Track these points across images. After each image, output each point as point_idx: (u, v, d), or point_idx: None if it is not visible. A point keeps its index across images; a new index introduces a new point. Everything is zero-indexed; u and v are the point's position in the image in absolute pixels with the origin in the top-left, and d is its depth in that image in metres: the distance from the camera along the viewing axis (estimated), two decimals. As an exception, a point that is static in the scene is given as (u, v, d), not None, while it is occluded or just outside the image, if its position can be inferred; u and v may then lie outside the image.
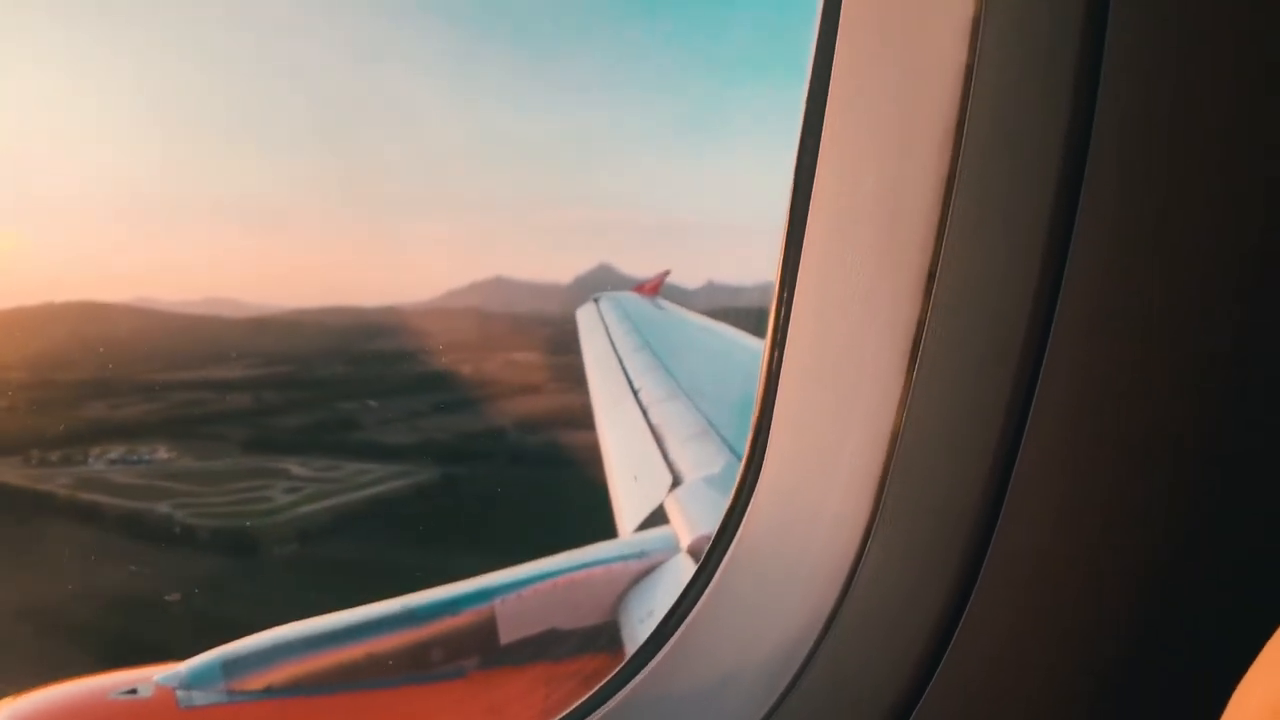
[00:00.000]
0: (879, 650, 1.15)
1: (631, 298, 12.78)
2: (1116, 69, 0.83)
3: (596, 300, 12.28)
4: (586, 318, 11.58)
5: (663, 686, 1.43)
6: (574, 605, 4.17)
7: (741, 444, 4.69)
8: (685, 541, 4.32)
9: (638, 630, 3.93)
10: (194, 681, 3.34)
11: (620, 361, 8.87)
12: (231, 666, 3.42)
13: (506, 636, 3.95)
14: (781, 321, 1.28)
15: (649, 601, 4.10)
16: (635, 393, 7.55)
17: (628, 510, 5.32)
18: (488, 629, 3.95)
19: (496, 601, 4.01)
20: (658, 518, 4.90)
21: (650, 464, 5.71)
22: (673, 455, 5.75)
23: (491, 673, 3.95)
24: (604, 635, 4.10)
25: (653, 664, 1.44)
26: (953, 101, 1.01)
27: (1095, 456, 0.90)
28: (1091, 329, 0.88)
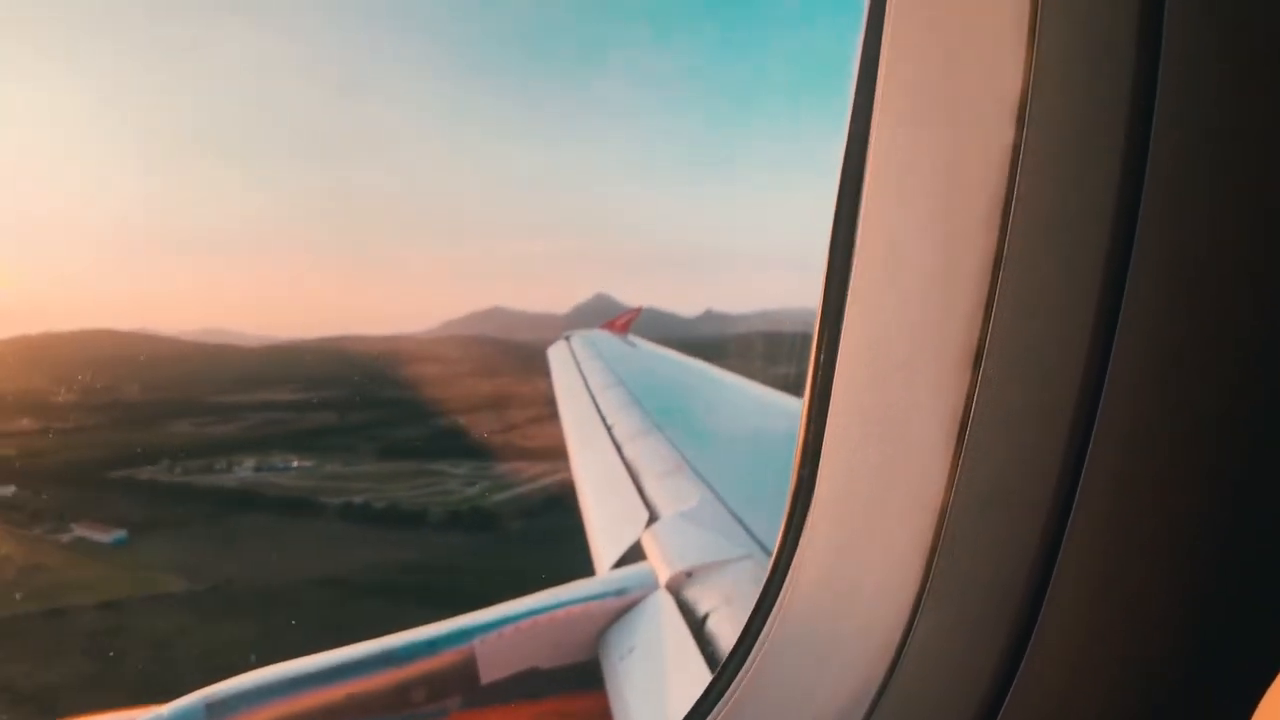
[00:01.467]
0: None
1: (602, 335, 12.84)
2: (1162, 152, 0.85)
3: (568, 338, 12.32)
4: (558, 355, 11.62)
5: None
6: (554, 644, 4.18)
7: (715, 477, 4.74)
8: (663, 577, 4.35)
9: (618, 667, 3.96)
10: (176, 726, 3.32)
11: (593, 398, 8.90)
12: (215, 709, 3.39)
13: (487, 676, 3.95)
14: (821, 392, 1.26)
15: (628, 639, 4.12)
16: (609, 429, 7.58)
17: (604, 547, 5.34)
18: (468, 669, 3.95)
19: (476, 641, 4.01)
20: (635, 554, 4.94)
21: (626, 500, 5.75)
22: (648, 491, 5.78)
23: (472, 713, 3.95)
24: (584, 673, 4.11)
25: None
26: (999, 181, 1.01)
27: (1143, 531, 0.91)
28: (1136, 410, 0.90)
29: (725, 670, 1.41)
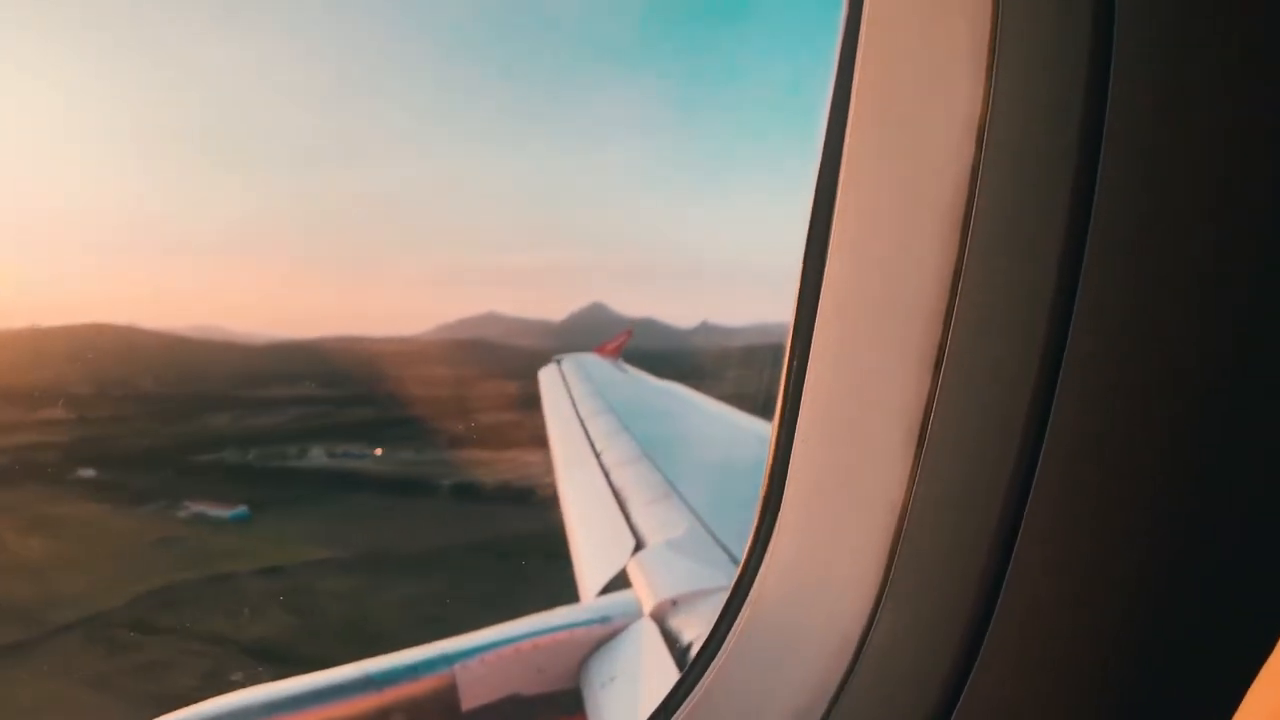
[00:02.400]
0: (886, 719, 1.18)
1: (593, 359, 12.85)
2: (1116, 170, 0.91)
3: (559, 361, 12.32)
4: (548, 379, 11.61)
5: None
6: (536, 670, 4.14)
7: (703, 507, 4.72)
8: (648, 606, 4.32)
9: (599, 695, 3.91)
10: (147, 749, 3.26)
11: (582, 423, 8.89)
12: (186, 734, 3.33)
13: (468, 702, 3.90)
14: (791, 399, 1.33)
15: (611, 667, 4.08)
16: (597, 455, 7.56)
17: (590, 574, 5.30)
18: (448, 695, 3.90)
19: (457, 667, 3.96)
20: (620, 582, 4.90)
21: (612, 527, 5.71)
22: (635, 518, 5.75)
23: (453, 740, 3.89)
24: (566, 701, 4.06)
25: None
26: (958, 197, 1.09)
27: (1096, 533, 0.95)
28: (1089, 413, 0.94)
29: (694, 666, 1.46)
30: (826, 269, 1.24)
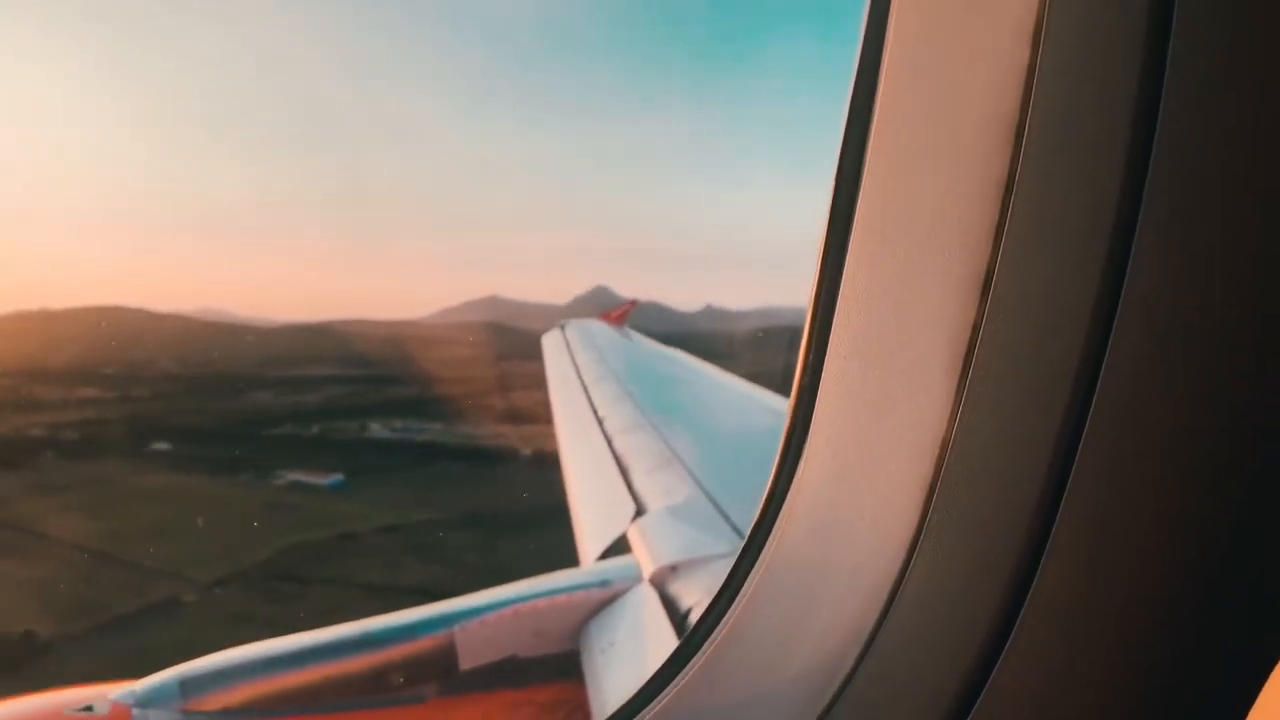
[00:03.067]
0: (923, 668, 1.11)
1: (598, 325, 12.80)
2: (1180, 69, 0.82)
3: (563, 327, 12.28)
4: (552, 345, 11.58)
5: (690, 704, 1.35)
6: (535, 633, 4.17)
7: (705, 475, 4.72)
8: (648, 571, 4.34)
9: (598, 659, 3.94)
10: (150, 700, 3.29)
11: (585, 390, 8.89)
12: (188, 686, 3.37)
13: (466, 663, 3.93)
14: (821, 320, 1.21)
15: (610, 631, 4.10)
16: (600, 422, 7.56)
17: (590, 538, 5.33)
18: (448, 655, 3.93)
19: (457, 628, 3.99)
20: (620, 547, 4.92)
21: (614, 493, 5.73)
22: (637, 485, 5.77)
23: (451, 699, 3.93)
24: (564, 663, 4.09)
25: (680, 681, 1.36)
26: (1012, 102, 0.98)
27: (1152, 468, 0.87)
28: (1151, 338, 0.86)
29: (714, 607, 1.37)
30: (862, 178, 1.13)
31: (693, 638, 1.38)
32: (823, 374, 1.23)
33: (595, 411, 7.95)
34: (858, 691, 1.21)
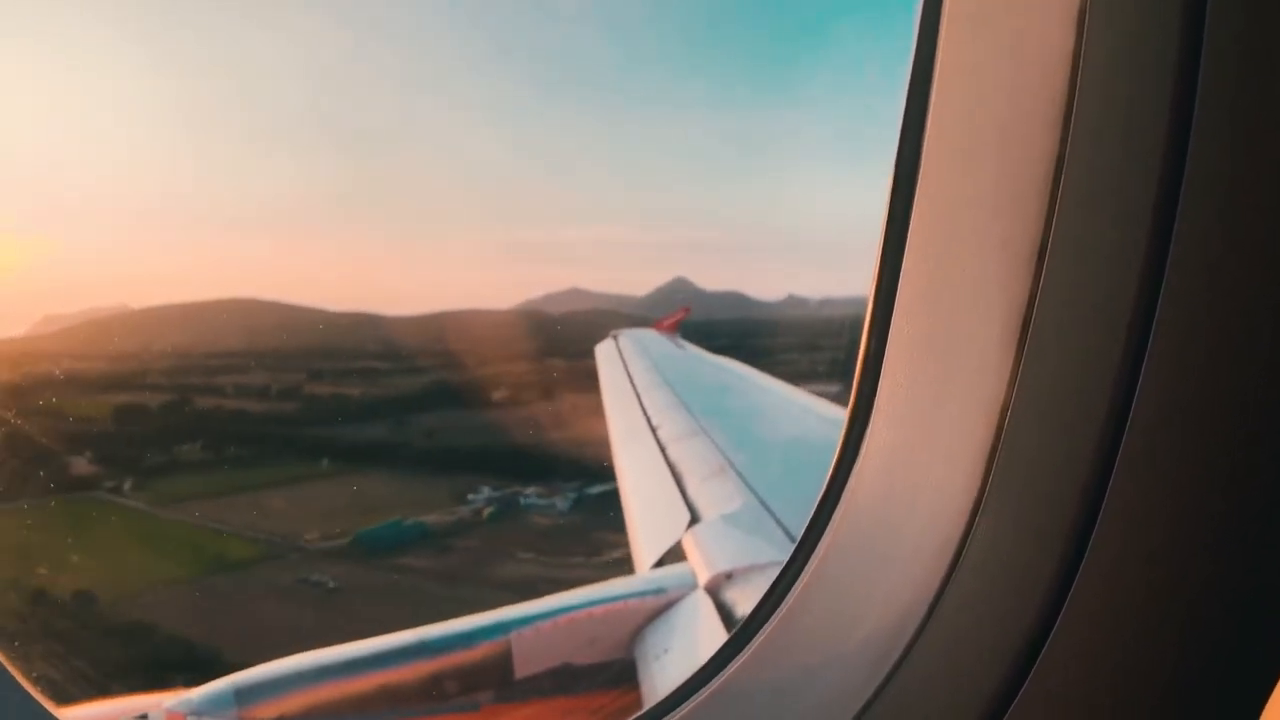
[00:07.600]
0: (985, 633, 1.14)
1: (650, 334, 12.80)
2: (1219, 51, 0.85)
3: (615, 337, 12.30)
4: (605, 353, 11.60)
5: (758, 672, 1.41)
6: (590, 641, 4.13)
7: (759, 483, 4.63)
8: (702, 579, 4.28)
9: (653, 666, 3.88)
10: (205, 709, 3.31)
11: (639, 398, 8.86)
12: (244, 695, 3.39)
13: (522, 670, 3.91)
14: (884, 300, 1.27)
15: (665, 638, 4.05)
16: (654, 430, 7.53)
17: (645, 546, 5.28)
18: (503, 662, 3.91)
19: (513, 635, 3.97)
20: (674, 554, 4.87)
21: (669, 501, 5.68)
22: (691, 493, 5.71)
23: (505, 706, 3.90)
24: (619, 671, 4.05)
25: (750, 649, 1.42)
26: (1061, 85, 1.03)
27: (1204, 430, 0.90)
28: (1198, 305, 0.89)
29: (786, 571, 1.43)
30: (922, 160, 1.19)
31: (758, 612, 1.43)
32: (885, 351, 1.29)
33: (649, 420, 7.92)
34: (917, 662, 1.25)
